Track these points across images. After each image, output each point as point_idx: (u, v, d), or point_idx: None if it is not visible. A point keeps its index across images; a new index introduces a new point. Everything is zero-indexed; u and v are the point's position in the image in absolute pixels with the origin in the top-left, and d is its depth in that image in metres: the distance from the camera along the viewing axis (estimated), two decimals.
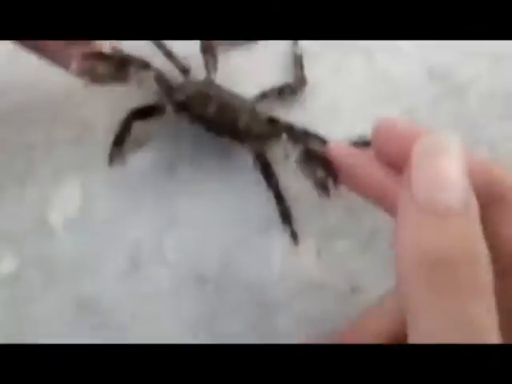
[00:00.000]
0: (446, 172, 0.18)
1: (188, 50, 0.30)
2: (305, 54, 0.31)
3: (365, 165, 0.22)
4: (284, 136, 0.26)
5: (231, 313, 0.27)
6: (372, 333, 0.23)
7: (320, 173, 0.24)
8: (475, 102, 0.30)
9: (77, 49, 0.25)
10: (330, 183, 0.24)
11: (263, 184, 0.28)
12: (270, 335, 0.27)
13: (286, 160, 0.26)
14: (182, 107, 0.27)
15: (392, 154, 0.21)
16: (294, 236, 0.27)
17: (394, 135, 0.21)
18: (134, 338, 0.28)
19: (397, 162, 0.20)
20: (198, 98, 0.27)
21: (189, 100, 0.27)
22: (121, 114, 0.28)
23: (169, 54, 0.29)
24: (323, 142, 0.27)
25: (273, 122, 0.28)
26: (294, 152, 0.25)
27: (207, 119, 0.27)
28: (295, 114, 0.29)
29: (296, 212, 0.28)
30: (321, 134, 0.27)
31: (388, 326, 0.23)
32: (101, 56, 0.25)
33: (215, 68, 0.29)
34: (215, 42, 0.30)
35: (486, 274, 0.17)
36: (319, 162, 0.24)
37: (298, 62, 0.30)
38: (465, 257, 0.17)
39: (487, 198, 0.20)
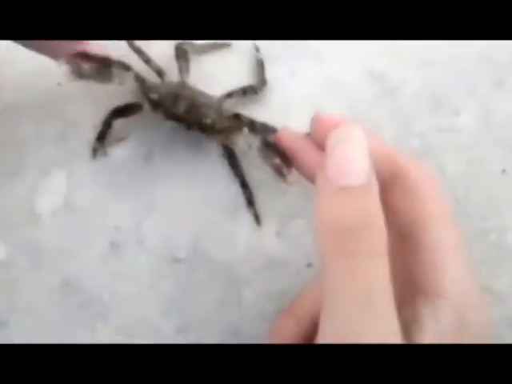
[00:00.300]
0: (350, 157, 0.21)
1: (165, 54, 0.33)
2: (266, 57, 0.34)
3: (304, 149, 0.26)
4: (246, 129, 0.29)
5: (202, 288, 0.30)
6: (307, 309, 0.26)
7: (277, 160, 0.27)
8: (407, 100, 0.34)
9: (68, 43, 0.28)
10: (286, 169, 0.27)
11: (230, 172, 0.31)
12: (236, 308, 0.30)
13: (249, 150, 0.30)
14: (157, 105, 0.31)
15: (322, 141, 0.24)
16: (257, 218, 0.31)
17: (322, 126, 0.25)
18: (114, 315, 0.30)
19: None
20: (170, 98, 0.30)
21: (162, 99, 0.30)
22: (103, 112, 0.32)
23: (146, 59, 0.32)
24: None
25: (236, 117, 0.31)
26: (255, 143, 0.29)
27: (178, 116, 0.30)
28: (257, 111, 0.32)
29: (259, 196, 0.31)
30: (278, 127, 0.31)
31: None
32: (86, 56, 0.29)
33: (188, 71, 0.33)
34: (189, 48, 0.33)
35: (381, 238, 0.20)
36: (275, 151, 0.27)
37: (259, 65, 0.34)
38: (364, 224, 0.20)
39: (389, 177, 0.24)
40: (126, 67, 0.30)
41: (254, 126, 0.30)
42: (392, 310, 0.20)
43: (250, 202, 0.31)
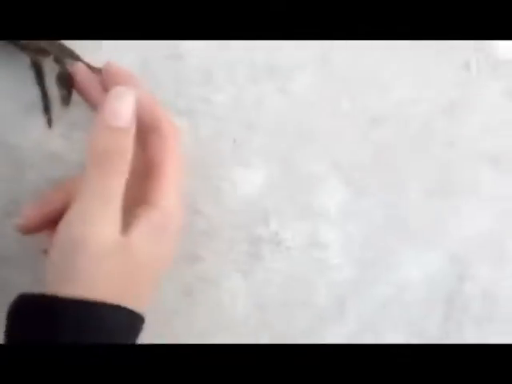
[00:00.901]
0: (121, 108, 0.32)
1: None
2: None
3: (92, 86, 0.37)
4: (52, 56, 0.38)
5: None
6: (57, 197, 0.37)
7: (64, 91, 0.38)
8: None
9: None
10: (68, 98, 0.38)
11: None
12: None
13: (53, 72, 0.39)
14: None
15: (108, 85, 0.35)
16: (49, 121, 0.41)
17: (113, 74, 0.35)
18: None
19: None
20: None
21: None
22: None
23: None
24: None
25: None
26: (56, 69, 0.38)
27: None
28: None
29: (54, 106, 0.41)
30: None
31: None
32: None
33: None
34: None
35: (125, 164, 0.32)
36: (66, 83, 0.37)
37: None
38: (118, 152, 0.32)
39: (150, 124, 0.35)
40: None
41: (62, 52, 0.39)
42: (116, 212, 0.33)
43: (46, 107, 0.40)
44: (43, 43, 0.38)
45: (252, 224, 0.46)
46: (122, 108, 0.32)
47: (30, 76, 0.40)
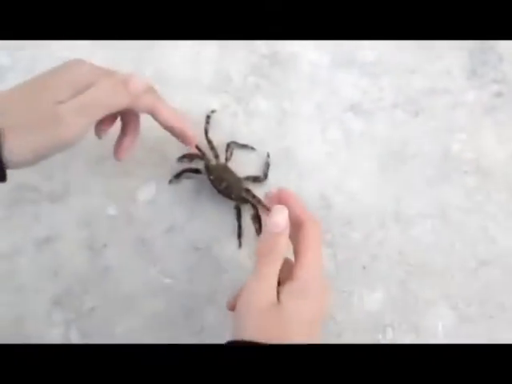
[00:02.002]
0: (277, 219, 0.46)
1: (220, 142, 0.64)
2: None
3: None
4: (250, 204, 0.61)
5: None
6: None
7: (257, 225, 0.60)
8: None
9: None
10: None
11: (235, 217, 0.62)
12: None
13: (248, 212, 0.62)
14: (210, 180, 0.62)
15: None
16: (240, 244, 0.62)
17: (275, 198, 0.53)
18: None
19: None
20: (217, 179, 0.62)
21: (213, 179, 0.62)
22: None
23: (211, 146, 0.63)
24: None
25: (247, 190, 0.62)
26: (251, 211, 0.61)
27: (219, 189, 0.62)
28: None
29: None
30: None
31: None
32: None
33: (230, 159, 0.64)
34: (232, 145, 0.64)
35: (281, 257, 0.46)
36: (258, 221, 0.59)
37: (266, 164, 0.64)
38: (276, 249, 0.46)
39: (297, 224, 0.49)
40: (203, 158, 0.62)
41: (253, 199, 0.62)
42: (273, 286, 0.45)
43: (239, 235, 0.62)
44: (244, 194, 0.62)
45: (373, 331, 0.60)
46: (279, 219, 0.47)
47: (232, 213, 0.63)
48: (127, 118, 0.56)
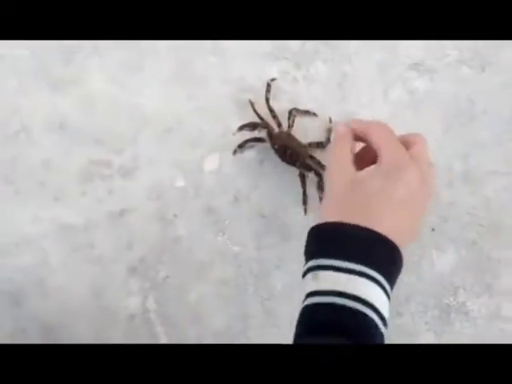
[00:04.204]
0: (339, 129, 0.51)
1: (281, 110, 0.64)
2: None
3: None
4: (313, 172, 0.61)
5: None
6: None
7: (319, 192, 0.60)
8: None
9: None
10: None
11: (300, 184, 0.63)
12: None
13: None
14: (275, 150, 0.63)
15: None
16: (305, 210, 0.63)
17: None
18: None
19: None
20: (281, 148, 0.62)
21: (278, 148, 0.62)
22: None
23: (274, 115, 0.63)
24: None
25: (311, 157, 0.62)
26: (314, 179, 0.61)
27: (283, 157, 0.62)
28: None
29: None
30: None
31: None
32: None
33: (292, 125, 0.64)
34: (294, 111, 0.64)
35: (348, 144, 0.50)
36: (321, 188, 0.60)
37: (328, 130, 0.64)
38: (343, 140, 0.51)
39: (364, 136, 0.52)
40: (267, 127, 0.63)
41: (318, 165, 0.62)
42: (350, 164, 0.48)
43: (304, 201, 0.63)
44: (309, 161, 0.62)
45: (443, 294, 0.60)
46: (341, 129, 0.51)
47: (296, 181, 0.63)
48: None
